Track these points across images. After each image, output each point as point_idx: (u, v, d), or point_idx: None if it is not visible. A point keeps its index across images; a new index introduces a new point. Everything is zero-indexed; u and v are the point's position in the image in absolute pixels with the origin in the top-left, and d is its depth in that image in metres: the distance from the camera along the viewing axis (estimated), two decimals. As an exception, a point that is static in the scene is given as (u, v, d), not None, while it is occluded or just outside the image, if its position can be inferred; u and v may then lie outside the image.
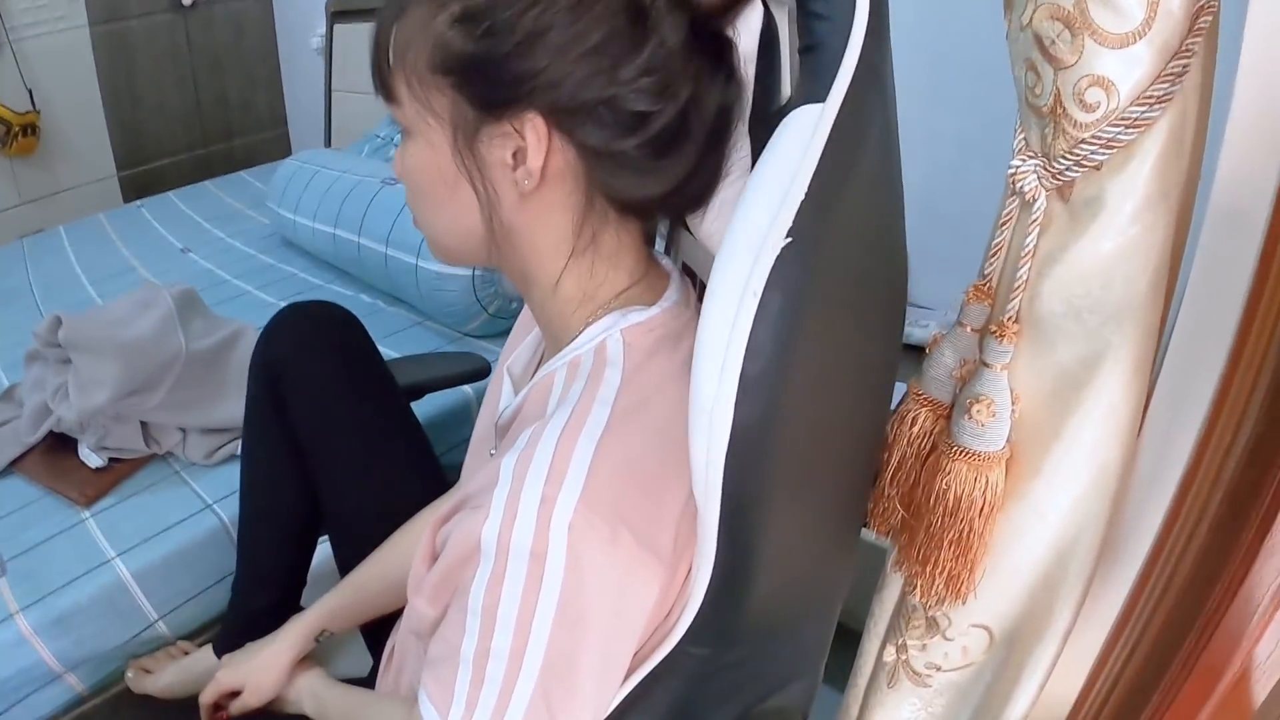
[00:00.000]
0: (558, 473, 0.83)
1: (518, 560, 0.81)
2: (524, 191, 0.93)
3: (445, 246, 1.04)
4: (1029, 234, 0.89)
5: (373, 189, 2.95)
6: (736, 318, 0.76)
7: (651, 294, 1.03)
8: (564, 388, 0.96)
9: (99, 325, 2.12)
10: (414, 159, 0.97)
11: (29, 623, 1.68)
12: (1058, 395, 0.93)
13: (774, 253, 0.75)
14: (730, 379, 0.76)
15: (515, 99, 0.87)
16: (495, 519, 0.83)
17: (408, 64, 0.92)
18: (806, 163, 0.76)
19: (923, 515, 1.03)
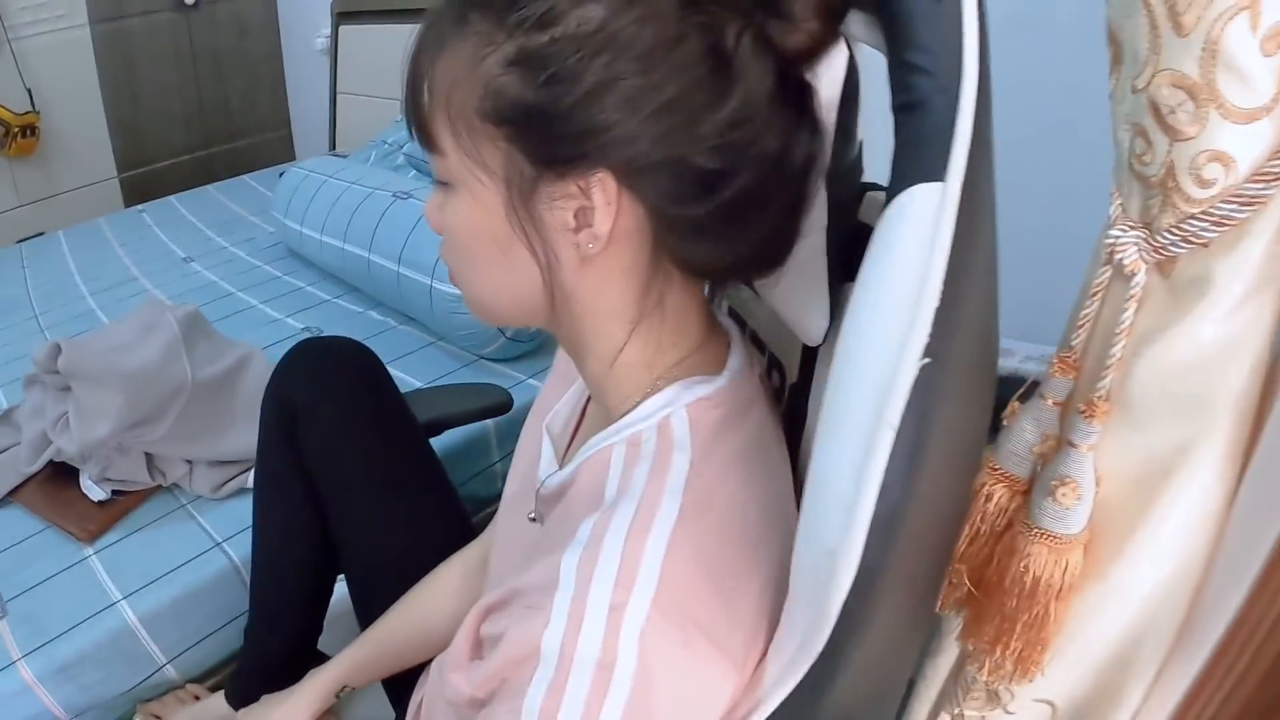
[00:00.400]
0: (627, 576, 0.76)
1: (582, 670, 0.73)
2: (586, 255, 0.83)
3: (489, 309, 0.94)
4: (1125, 309, 0.83)
5: (384, 203, 2.85)
6: (869, 455, 0.66)
7: (714, 362, 0.95)
8: (624, 470, 0.87)
9: (100, 352, 2.05)
10: (459, 216, 0.86)
11: (32, 671, 1.62)
12: (1145, 479, 0.88)
13: (910, 378, 0.65)
14: (861, 522, 0.67)
15: (581, 156, 0.77)
16: (558, 626, 0.75)
17: (453, 108, 0.81)
18: (935, 260, 0.66)
19: (994, 594, 0.98)
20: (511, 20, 0.77)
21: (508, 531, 1.22)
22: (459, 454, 2.17)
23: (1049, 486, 0.90)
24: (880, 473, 0.66)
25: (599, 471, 0.89)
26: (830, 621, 0.72)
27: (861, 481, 0.66)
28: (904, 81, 0.70)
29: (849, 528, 0.67)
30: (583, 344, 0.93)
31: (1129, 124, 0.79)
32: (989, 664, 1.01)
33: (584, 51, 0.74)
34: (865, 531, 0.67)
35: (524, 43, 0.76)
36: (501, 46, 0.77)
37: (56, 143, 4.46)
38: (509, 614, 0.84)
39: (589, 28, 0.74)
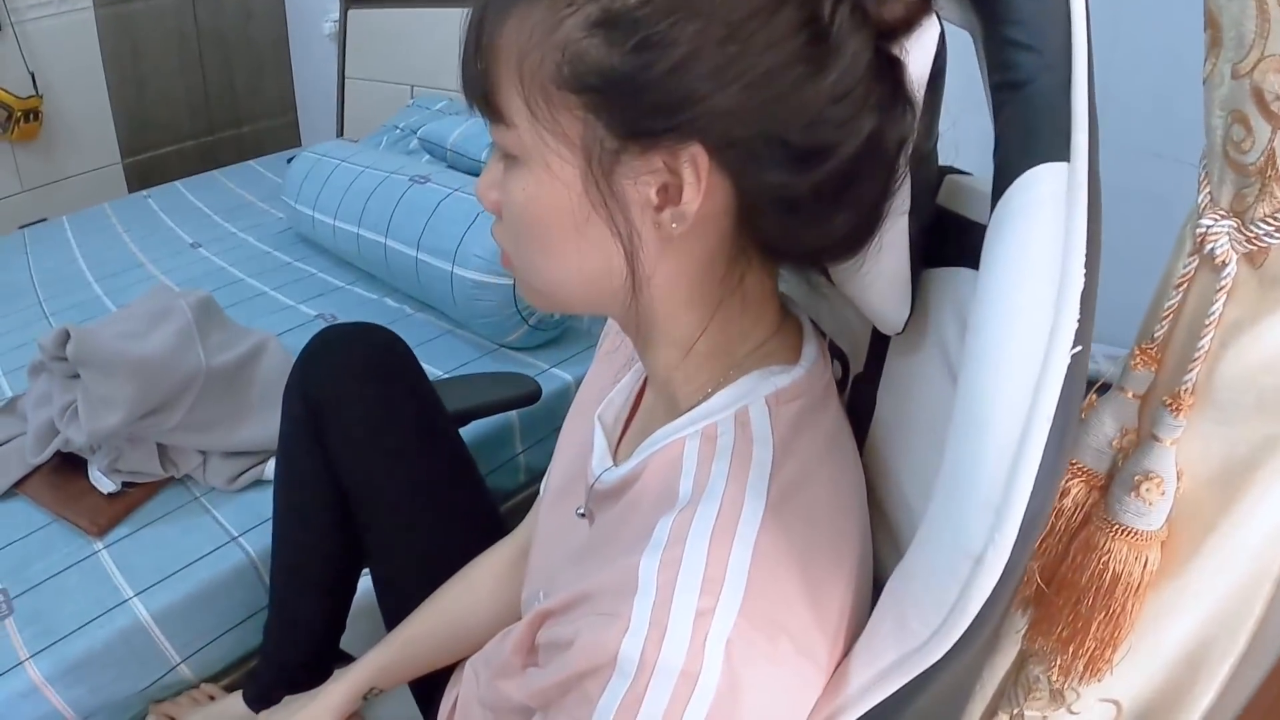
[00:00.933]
0: (713, 581, 0.71)
1: (664, 679, 0.68)
2: (668, 236, 0.77)
3: (555, 295, 0.87)
4: (1215, 300, 0.80)
5: (400, 187, 2.79)
6: (1020, 451, 0.61)
7: (789, 350, 0.90)
8: (699, 465, 0.82)
9: (110, 339, 1.99)
10: (527, 193, 0.79)
11: (40, 671, 1.56)
12: (1227, 475, 0.85)
13: (1063, 367, 0.61)
14: (1010, 525, 0.62)
15: (672, 128, 0.71)
16: (639, 633, 0.70)
17: (526, 75, 0.74)
18: (1075, 241, 0.62)
19: (1067, 591, 0.95)
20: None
21: (551, 527, 1.17)
22: (482, 446, 2.12)
23: (1131, 482, 0.87)
24: (1035, 470, 0.61)
25: (669, 466, 0.84)
26: (961, 629, 0.68)
27: (1014, 480, 0.62)
28: (1005, 59, 0.68)
29: (999, 530, 0.63)
30: (655, 331, 0.88)
31: (1226, 110, 0.76)
32: (1059, 664, 0.99)
33: (677, 16, 0.68)
34: (1015, 534, 0.62)
35: (609, 4, 0.69)
36: (583, 8, 0.70)
37: (60, 128, 4.46)
38: (575, 620, 0.78)
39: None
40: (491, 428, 2.16)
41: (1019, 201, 0.65)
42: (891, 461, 0.94)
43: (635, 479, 0.89)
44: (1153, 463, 0.86)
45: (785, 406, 0.84)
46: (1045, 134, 0.65)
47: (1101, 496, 0.93)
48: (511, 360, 2.44)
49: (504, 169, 0.81)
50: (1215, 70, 0.77)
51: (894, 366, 0.99)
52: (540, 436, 2.26)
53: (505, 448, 2.23)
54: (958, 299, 0.86)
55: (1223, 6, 0.74)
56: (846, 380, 1.04)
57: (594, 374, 1.23)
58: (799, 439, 0.83)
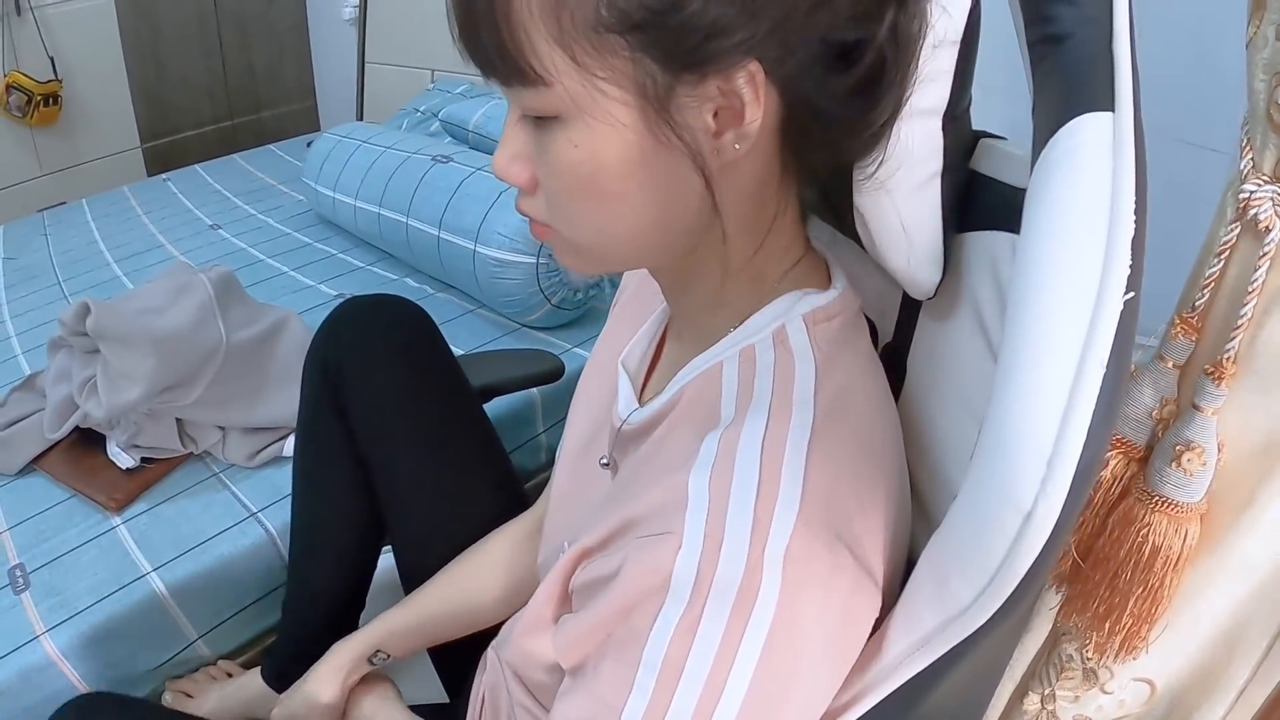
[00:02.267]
0: (769, 489, 0.70)
1: (721, 597, 0.67)
2: (726, 160, 0.75)
3: (615, 252, 0.84)
4: (1259, 267, 0.80)
5: (422, 166, 2.78)
6: (1072, 399, 0.59)
7: (819, 275, 0.90)
8: (742, 385, 0.81)
9: (131, 313, 1.98)
10: (583, 147, 0.74)
11: (56, 645, 1.56)
12: (1269, 446, 0.86)
13: (1116, 312, 0.59)
14: (1064, 474, 0.60)
15: (725, 50, 0.68)
16: (693, 547, 0.69)
17: (564, 28, 0.69)
18: (1124, 186, 0.60)
19: (1103, 567, 0.95)
20: None
21: (571, 484, 1.16)
22: (504, 424, 2.11)
23: (1172, 452, 0.88)
24: (1089, 417, 0.59)
25: (709, 390, 0.84)
26: (1008, 590, 0.65)
27: (1066, 428, 0.59)
28: (1044, 13, 0.69)
29: (1051, 481, 0.60)
30: (706, 262, 0.87)
31: (1269, 73, 0.77)
32: (1094, 641, 0.99)
33: None
34: (1069, 485, 0.60)
35: None
36: None
37: (79, 112, 4.46)
38: (619, 549, 0.77)
39: None
40: (513, 406, 2.16)
41: (1063, 149, 0.64)
42: (922, 429, 0.93)
43: (669, 410, 0.89)
44: (1194, 433, 0.86)
45: (823, 325, 0.84)
46: (1089, 85, 0.64)
47: (1141, 469, 0.93)
48: (534, 339, 2.44)
49: (535, 134, 0.78)
50: (1259, 33, 0.77)
51: (925, 333, 0.98)
52: (562, 416, 2.22)
53: (527, 427, 2.22)
54: (993, 262, 0.84)
55: (1268, -32, 0.73)
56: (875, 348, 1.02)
57: (609, 333, 1.22)
58: (840, 354, 0.83)
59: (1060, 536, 0.62)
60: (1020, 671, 1.14)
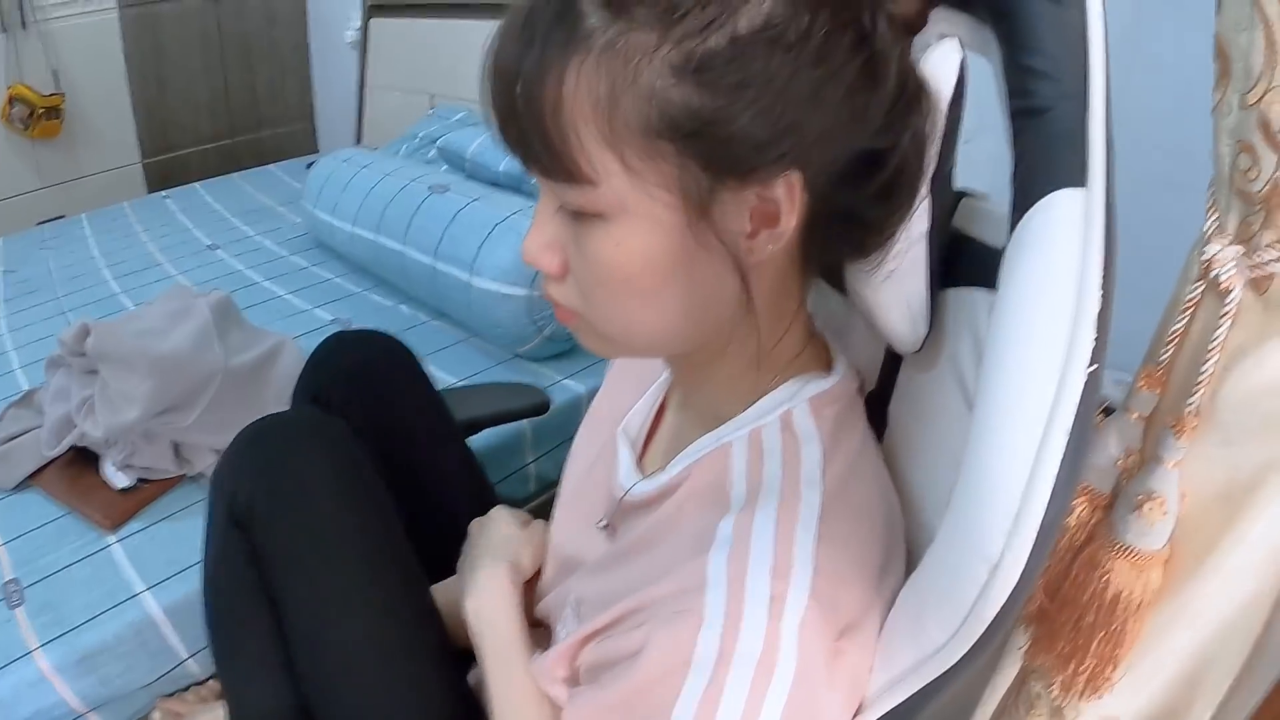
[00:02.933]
0: (782, 568, 0.74)
1: (742, 669, 0.70)
2: (757, 260, 0.79)
3: (646, 343, 0.87)
4: (1220, 325, 0.83)
5: (419, 195, 2.80)
6: (1038, 462, 0.64)
7: (821, 361, 0.94)
8: (751, 468, 0.85)
9: (130, 335, 2.01)
10: (625, 246, 0.76)
11: (49, 661, 1.57)
12: (1228, 496, 0.88)
13: (1080, 384, 0.63)
14: (1030, 530, 0.65)
15: (770, 160, 0.71)
16: (715, 624, 0.72)
17: (615, 130, 0.71)
18: (1093, 262, 0.64)
19: (1069, 609, 0.99)
20: (672, 26, 0.68)
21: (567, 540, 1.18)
22: (493, 454, 2.13)
23: (1134, 501, 0.91)
24: (1053, 479, 0.64)
25: (717, 471, 0.87)
26: (977, 634, 0.70)
27: (1032, 488, 0.64)
28: (1024, 86, 0.71)
29: (1016, 535, 0.65)
30: (726, 350, 0.89)
31: (1234, 139, 0.80)
32: (1060, 681, 1.02)
33: (761, 51, 0.68)
34: (1033, 541, 0.65)
35: (693, 47, 0.68)
36: (661, 54, 0.69)
37: (80, 126, 4.48)
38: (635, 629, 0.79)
39: (759, 22, 0.68)
40: (503, 437, 2.16)
41: (1038, 223, 0.68)
42: (903, 476, 0.96)
43: (675, 487, 0.91)
44: (1156, 483, 0.89)
45: (826, 409, 0.88)
46: (1064, 160, 0.68)
47: (1105, 516, 0.96)
48: (525, 370, 2.45)
49: (573, 227, 0.79)
50: (1224, 100, 0.80)
51: (906, 384, 1.01)
52: (551, 446, 2.27)
53: (516, 457, 2.23)
54: (973, 318, 0.87)
55: (1231, 38, 0.77)
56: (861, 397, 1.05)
57: (609, 390, 1.24)
58: (842, 436, 0.87)
59: (1026, 586, 0.66)
60: (991, 708, 1.16)
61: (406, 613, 1.22)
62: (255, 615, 1.21)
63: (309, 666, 1.17)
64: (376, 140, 4.33)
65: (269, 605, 1.20)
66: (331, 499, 1.22)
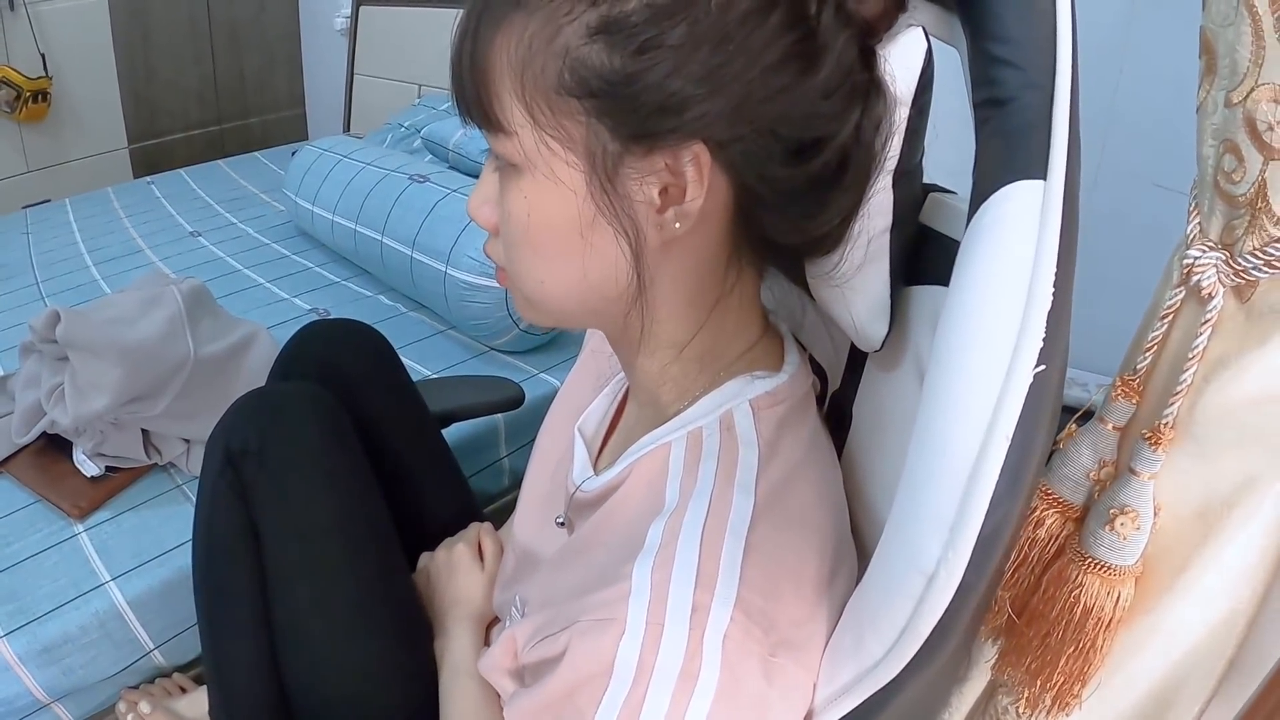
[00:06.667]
0: (707, 577, 0.72)
1: (663, 682, 0.69)
2: (669, 237, 0.78)
3: (555, 305, 0.87)
4: (1200, 333, 0.80)
5: (400, 185, 2.79)
6: (979, 469, 0.61)
7: (773, 357, 0.93)
8: (687, 469, 0.84)
9: (101, 323, 1.99)
10: (530, 202, 0.79)
11: (14, 650, 1.56)
12: (1204, 511, 0.86)
13: (1025, 386, 0.61)
14: (965, 541, 0.62)
15: (673, 129, 0.72)
16: (635, 634, 0.70)
17: (528, 83, 0.74)
18: (1045, 259, 0.62)
19: (1037, 623, 0.95)
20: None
21: (528, 535, 1.18)
22: (467, 448, 2.12)
23: (1106, 515, 0.87)
24: (991, 488, 0.61)
25: (655, 471, 0.86)
26: (916, 646, 0.68)
27: (969, 498, 0.62)
28: (989, 76, 0.68)
29: (953, 547, 0.63)
30: (648, 336, 0.89)
31: (1218, 139, 0.77)
32: (1027, 696, 0.99)
33: (674, 20, 0.69)
34: (969, 552, 0.62)
35: (608, 11, 0.70)
36: (581, 16, 0.71)
37: (67, 110, 4.47)
38: (565, 632, 0.78)
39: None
40: (477, 430, 2.16)
41: (992, 216, 0.65)
42: (865, 477, 0.95)
43: (618, 485, 0.90)
44: (1129, 497, 0.86)
45: (769, 411, 0.86)
46: (1024, 151, 0.65)
47: (1076, 529, 0.93)
48: (501, 364, 2.44)
49: (500, 181, 0.82)
50: (1208, 98, 0.77)
51: (870, 383, 1.00)
52: (526, 440, 2.25)
53: (490, 450, 2.22)
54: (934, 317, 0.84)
55: (1218, 33, 0.74)
56: (825, 396, 1.04)
57: (570, 387, 1.24)
58: (783, 442, 0.85)
59: (967, 599, 0.64)
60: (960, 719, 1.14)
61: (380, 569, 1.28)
62: (241, 559, 1.25)
63: (283, 613, 1.23)
64: (365, 128, 4.33)
65: (255, 547, 1.24)
66: (323, 440, 1.28)
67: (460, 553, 1.32)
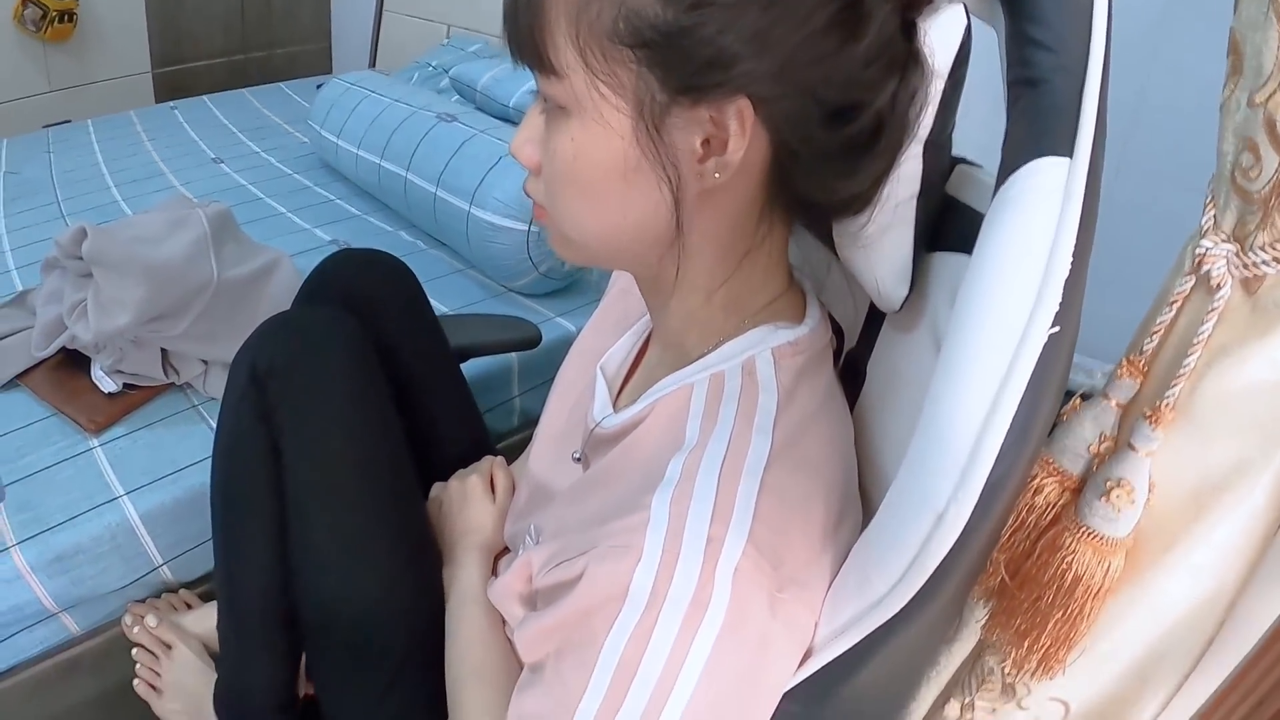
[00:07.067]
0: (723, 511, 0.76)
1: (674, 608, 0.72)
2: (708, 186, 0.81)
3: (590, 246, 0.90)
4: (1206, 321, 0.83)
5: (426, 123, 2.79)
6: (989, 419, 0.66)
7: (795, 310, 0.96)
8: (708, 409, 0.87)
9: (126, 241, 2.00)
10: (577, 144, 0.81)
11: (26, 559, 1.59)
12: (1198, 492, 0.89)
13: (1041, 342, 0.65)
14: (972, 487, 0.67)
15: (721, 83, 0.74)
16: (651, 561, 0.74)
17: (583, 28, 0.76)
18: (1067, 229, 0.66)
19: (1029, 587, 0.98)
20: None
21: (544, 468, 1.21)
22: (480, 385, 2.13)
23: (1103, 487, 0.90)
24: (1002, 436, 0.65)
25: (677, 410, 0.89)
26: (920, 581, 0.71)
27: (980, 444, 0.66)
28: (1024, 56, 0.71)
29: (963, 489, 0.67)
30: (681, 280, 0.92)
31: (1239, 137, 0.79)
32: (1013, 657, 1.02)
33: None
34: (978, 495, 0.66)
35: None
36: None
37: (93, 31, 4.46)
38: (582, 557, 0.81)
39: None
40: (490, 369, 2.18)
41: (1019, 188, 0.68)
42: (874, 432, 0.98)
43: (638, 423, 0.94)
44: (1126, 470, 0.89)
45: (789, 360, 0.89)
46: (1053, 130, 0.68)
47: (1073, 499, 0.95)
48: (518, 305, 2.45)
49: (547, 122, 0.84)
50: (1233, 97, 0.80)
51: (885, 343, 1.02)
52: (538, 382, 2.28)
53: (503, 389, 2.24)
54: (953, 283, 0.88)
55: (1246, 35, 0.76)
56: (841, 353, 1.07)
57: (593, 329, 1.27)
58: (800, 390, 0.88)
59: (970, 542, 0.68)
60: (946, 678, 1.17)
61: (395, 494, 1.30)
62: (260, 477, 1.27)
63: (297, 531, 1.25)
64: (391, 65, 4.32)
65: (274, 465, 1.26)
66: (348, 365, 1.29)
67: (473, 484, 1.35)
